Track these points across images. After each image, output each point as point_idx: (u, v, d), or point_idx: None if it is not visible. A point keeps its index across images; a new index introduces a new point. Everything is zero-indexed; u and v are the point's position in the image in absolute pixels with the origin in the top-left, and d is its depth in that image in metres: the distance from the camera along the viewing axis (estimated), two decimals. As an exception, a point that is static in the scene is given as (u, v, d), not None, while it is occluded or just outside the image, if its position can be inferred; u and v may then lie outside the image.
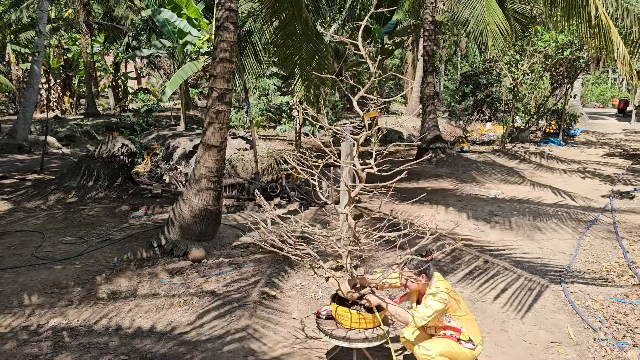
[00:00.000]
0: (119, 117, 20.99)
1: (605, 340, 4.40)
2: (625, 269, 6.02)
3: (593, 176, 11.88)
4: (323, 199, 3.28)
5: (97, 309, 4.98)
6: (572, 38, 14.81)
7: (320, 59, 9.79)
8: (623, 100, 30.82)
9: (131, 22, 20.77)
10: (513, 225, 7.88)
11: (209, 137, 6.11)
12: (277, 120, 19.50)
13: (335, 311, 3.42)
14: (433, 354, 3.48)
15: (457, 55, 34.61)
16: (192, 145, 14.60)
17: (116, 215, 8.17)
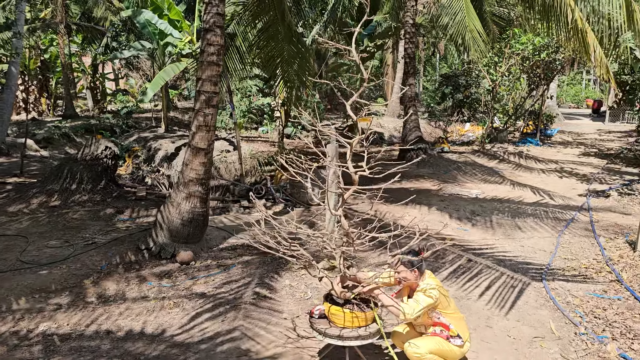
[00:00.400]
0: (98, 119, 20.73)
1: (586, 335, 4.56)
2: (603, 265, 6.23)
3: (570, 175, 12.19)
4: (316, 200, 3.35)
5: (86, 312, 4.98)
6: (548, 40, 15.16)
7: (301, 60, 9.88)
8: (597, 101, 31.59)
9: (110, 23, 20.55)
10: (494, 225, 8.06)
11: (197, 141, 6.15)
12: (258, 121, 19.50)
13: (328, 310, 3.50)
14: (423, 351, 3.59)
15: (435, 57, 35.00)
16: (175, 147, 14.53)
17: (101, 218, 8.13)
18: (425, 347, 3.60)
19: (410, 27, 13.19)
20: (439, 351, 3.63)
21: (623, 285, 5.54)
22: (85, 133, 18.44)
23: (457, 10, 9.72)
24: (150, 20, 14.20)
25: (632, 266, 6.06)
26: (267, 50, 9.65)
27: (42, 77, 23.68)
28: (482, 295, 5.44)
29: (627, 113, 25.04)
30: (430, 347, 3.61)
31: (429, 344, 3.63)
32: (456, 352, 3.71)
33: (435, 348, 3.62)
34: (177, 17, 13.90)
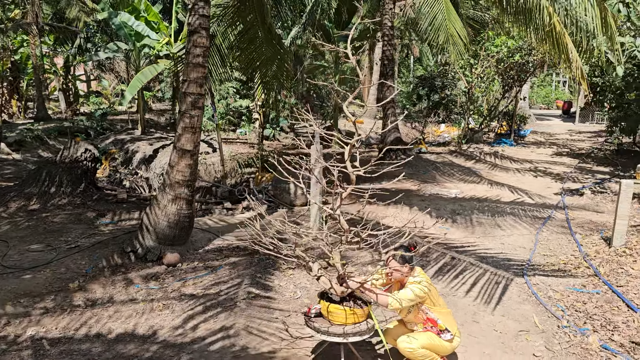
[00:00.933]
0: (72, 121, 20.36)
1: (568, 327, 4.73)
2: (581, 261, 6.44)
3: (544, 175, 12.52)
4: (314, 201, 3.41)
5: (75, 316, 4.93)
6: (521, 43, 15.53)
7: (280, 62, 9.92)
8: (567, 102, 32.40)
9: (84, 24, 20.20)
10: (475, 223, 8.24)
11: (183, 142, 6.14)
12: (236, 123, 19.45)
13: (327, 309, 3.56)
14: (415, 346, 3.68)
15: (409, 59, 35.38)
16: (152, 150, 14.42)
17: (82, 221, 8.02)
18: (418, 342, 3.70)
19: (389, 29, 13.36)
20: (430, 346, 3.73)
21: (601, 280, 5.75)
22: (59, 135, 18.09)
23: (437, 13, 9.90)
24: (127, 21, 14.06)
25: (609, 261, 6.29)
26: (247, 52, 9.66)
27: (12, 78, 23.14)
28: (468, 291, 5.58)
29: (596, 114, 25.77)
30: (422, 342, 3.71)
31: (421, 339, 3.73)
32: (447, 346, 3.81)
33: (427, 343, 3.72)
34: (154, 19, 13.79)
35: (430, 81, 18.49)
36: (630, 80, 12.62)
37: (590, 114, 26.42)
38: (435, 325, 3.79)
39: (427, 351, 3.72)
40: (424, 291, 3.66)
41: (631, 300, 5.15)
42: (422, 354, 3.70)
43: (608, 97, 14.80)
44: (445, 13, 9.77)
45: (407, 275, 3.77)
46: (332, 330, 3.50)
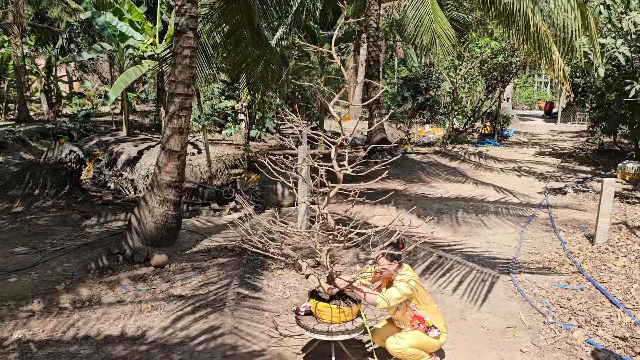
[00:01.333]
0: (54, 123, 20.10)
1: (554, 323, 4.82)
2: (565, 258, 6.56)
3: (528, 174, 12.69)
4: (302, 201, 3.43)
5: (62, 318, 4.89)
6: (504, 44, 15.73)
7: (267, 63, 9.93)
8: (549, 103, 32.85)
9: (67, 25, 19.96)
10: (460, 222, 8.33)
11: (171, 144, 6.12)
12: (222, 124, 19.38)
13: (315, 307, 3.58)
14: (404, 346, 3.73)
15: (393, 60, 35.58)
16: (137, 151, 14.31)
17: (67, 223, 7.94)
18: (406, 342, 3.75)
19: (374, 30, 13.43)
20: (418, 344, 3.78)
21: (584, 276, 5.86)
22: (41, 137, 17.84)
23: (424, 16, 9.99)
24: (110, 22, 13.93)
25: (592, 258, 6.41)
26: (233, 53, 9.65)
27: (-7, 79, 22.78)
28: (455, 289, 5.64)
29: (577, 114, 26.16)
30: (410, 341, 3.75)
31: (409, 338, 3.77)
32: (435, 343, 3.87)
33: (415, 342, 3.77)
34: (138, 19, 13.68)
35: (415, 82, 18.63)
36: (611, 81, 12.84)
37: (572, 115, 26.82)
38: (422, 323, 3.84)
39: (416, 350, 3.77)
40: (411, 288, 3.71)
41: (614, 296, 5.26)
42: (411, 353, 3.74)
43: (589, 98, 15.04)
44: (431, 14, 9.87)
45: (395, 272, 3.82)
46: (318, 328, 3.52)
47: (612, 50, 8.79)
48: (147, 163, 13.22)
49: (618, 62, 10.11)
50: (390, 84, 30.99)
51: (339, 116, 3.51)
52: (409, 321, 3.87)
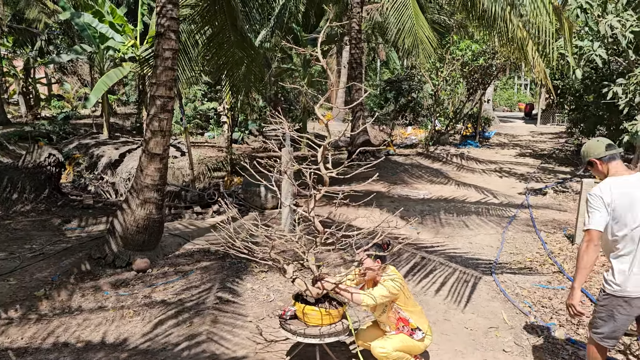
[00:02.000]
0: (33, 126, 19.77)
1: (536, 323, 4.88)
2: (546, 258, 6.64)
3: (509, 175, 12.84)
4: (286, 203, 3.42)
5: (42, 325, 4.80)
6: (485, 47, 15.91)
7: (250, 64, 9.89)
8: (529, 105, 33.29)
9: (45, 26, 19.65)
10: (443, 223, 8.39)
11: (152, 146, 6.05)
12: (204, 126, 19.27)
13: (302, 310, 3.57)
14: (389, 349, 3.73)
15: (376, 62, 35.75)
16: (118, 154, 14.15)
17: (47, 228, 7.81)
18: (391, 345, 3.75)
19: (356, 33, 13.49)
20: (403, 347, 3.79)
21: (565, 276, 5.95)
22: (19, 140, 17.52)
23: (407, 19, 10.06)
24: (90, 23, 13.75)
25: (572, 258, 6.50)
26: (217, 56, 9.58)
27: (-32, 81, 22.33)
28: (438, 290, 5.68)
29: (556, 115, 26.57)
30: (395, 345, 3.76)
31: (394, 342, 3.78)
32: (419, 345, 3.88)
33: (400, 345, 3.77)
34: (119, 21, 13.53)
35: (397, 84, 18.73)
36: (589, 83, 13.07)
37: (551, 116, 27.24)
38: (407, 325, 3.85)
39: (401, 353, 3.77)
40: (397, 288, 3.72)
41: (594, 295, 5.33)
42: (396, 357, 3.75)
43: (568, 100, 15.30)
44: (413, 17, 9.94)
45: (380, 273, 3.83)
46: (308, 332, 3.52)
47: (589, 52, 8.95)
48: (129, 166, 13.08)
49: (595, 65, 10.29)
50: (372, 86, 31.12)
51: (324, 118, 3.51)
52: (393, 324, 3.88)
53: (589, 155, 3.44)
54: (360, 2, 13.36)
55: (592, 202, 3.26)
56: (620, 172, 3.35)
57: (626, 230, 3.20)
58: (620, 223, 3.21)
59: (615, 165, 3.38)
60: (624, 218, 3.20)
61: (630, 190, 3.22)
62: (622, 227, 3.21)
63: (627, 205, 3.19)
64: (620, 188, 3.23)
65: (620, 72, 10.81)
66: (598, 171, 3.45)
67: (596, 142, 3.46)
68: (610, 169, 3.38)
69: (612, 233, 3.25)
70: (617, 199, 3.20)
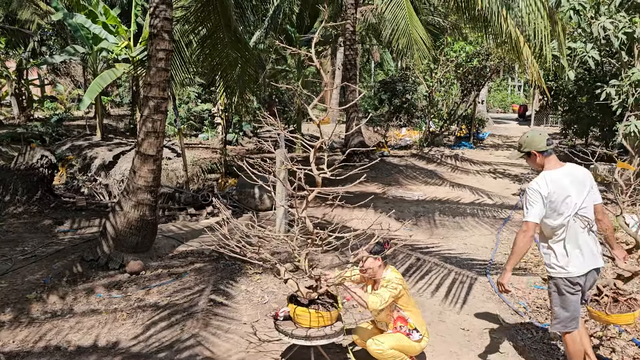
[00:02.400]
0: (25, 127, 19.64)
1: (531, 324, 4.88)
2: (540, 259, 6.63)
3: (503, 176, 12.88)
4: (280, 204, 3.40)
5: (33, 329, 4.74)
6: (478, 49, 15.95)
7: (245, 65, 9.87)
8: (522, 106, 33.41)
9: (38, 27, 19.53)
10: (438, 224, 8.39)
11: (146, 147, 6.02)
12: (198, 128, 19.22)
13: (294, 312, 3.55)
14: (384, 347, 3.72)
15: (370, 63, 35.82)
16: (112, 156, 14.06)
17: (39, 230, 7.75)
18: (387, 343, 3.74)
19: (351, 34, 13.49)
20: (399, 347, 3.78)
21: (559, 277, 5.94)
22: (12, 142, 17.41)
23: (400, 18, 10.08)
24: (84, 24, 13.66)
25: (566, 258, 6.50)
26: (210, 57, 9.55)
27: (-40, 83, 22.17)
28: (434, 292, 5.67)
29: (550, 117, 26.68)
30: (391, 343, 3.75)
31: (390, 340, 3.77)
32: (415, 346, 3.87)
33: (395, 344, 3.76)
34: (113, 22, 13.46)
35: (391, 86, 18.74)
36: (582, 85, 13.14)
37: (545, 117, 27.35)
38: (405, 324, 3.84)
39: (396, 352, 3.76)
40: (398, 289, 3.71)
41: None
42: (391, 355, 3.73)
43: (561, 101, 15.36)
44: (407, 18, 9.96)
45: (380, 272, 3.82)
46: (296, 333, 3.50)
47: (582, 54, 8.98)
48: (122, 168, 13.00)
49: (588, 66, 10.33)
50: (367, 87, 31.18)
51: (317, 119, 3.50)
52: (392, 323, 3.87)
53: (531, 147, 3.68)
54: (354, 4, 13.37)
55: (531, 196, 3.56)
56: (554, 165, 3.67)
57: (563, 218, 3.54)
58: (558, 212, 3.54)
59: (551, 159, 3.68)
60: (560, 207, 3.54)
61: (564, 182, 3.57)
62: (559, 216, 3.54)
63: (562, 196, 3.53)
64: (556, 181, 3.56)
65: (613, 73, 10.87)
66: (535, 163, 3.73)
67: (539, 135, 3.71)
68: (546, 163, 3.68)
69: (551, 221, 3.57)
70: (554, 191, 3.52)
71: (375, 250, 3.75)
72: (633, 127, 8.32)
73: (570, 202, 3.54)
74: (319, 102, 31.40)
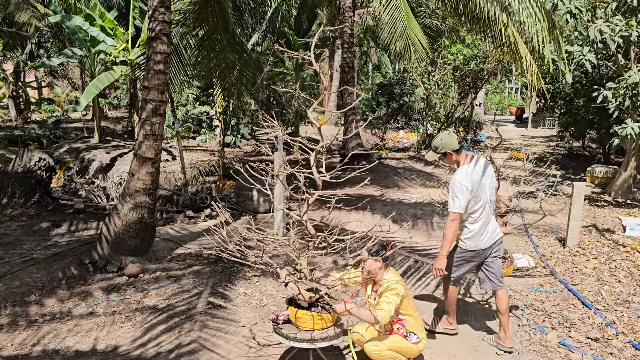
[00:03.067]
0: (23, 129, 19.60)
1: (528, 326, 4.89)
2: (537, 261, 6.67)
3: (500, 178, 12.86)
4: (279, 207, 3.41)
5: (32, 331, 4.74)
6: (476, 51, 15.99)
7: (243, 68, 9.88)
8: (519, 108, 33.52)
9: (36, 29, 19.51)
10: (435, 227, 8.41)
11: (144, 150, 6.02)
12: (196, 130, 19.21)
13: (295, 315, 3.56)
14: (382, 348, 3.74)
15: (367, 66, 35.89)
16: (110, 158, 14.06)
17: (37, 233, 7.74)
18: (385, 344, 3.76)
19: (349, 37, 13.52)
20: (397, 348, 3.79)
21: (557, 279, 5.97)
22: (9, 144, 17.38)
23: (398, 20, 10.10)
24: (81, 26, 13.66)
25: (564, 261, 6.54)
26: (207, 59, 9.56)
27: (-43, 85, 22.13)
28: (432, 293, 5.68)
29: (547, 119, 26.75)
30: (389, 344, 3.77)
31: (387, 341, 3.79)
32: (413, 348, 3.88)
33: (393, 345, 3.78)
34: (110, 25, 13.46)
35: (389, 88, 18.78)
36: (579, 87, 13.18)
37: (542, 120, 27.43)
38: (403, 327, 3.86)
39: (394, 353, 3.77)
40: (400, 293, 3.72)
41: (586, 298, 5.37)
42: (388, 356, 3.75)
43: (558, 104, 15.41)
44: (405, 20, 9.99)
45: (380, 274, 3.84)
46: (300, 337, 3.50)
47: (579, 57, 9.02)
48: (120, 170, 13.00)
49: (585, 69, 10.38)
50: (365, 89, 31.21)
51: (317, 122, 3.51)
52: (389, 325, 3.89)
53: (447, 147, 4.23)
54: (352, 6, 13.40)
55: (457, 189, 4.10)
56: (467, 160, 4.24)
57: (480, 204, 4.17)
58: (476, 199, 4.14)
59: (463, 154, 4.26)
60: (478, 195, 4.14)
61: (479, 173, 4.18)
62: (477, 202, 4.15)
63: (478, 185, 4.14)
64: (473, 173, 4.15)
65: (610, 76, 10.91)
66: (451, 161, 4.30)
67: (449, 136, 4.27)
68: (461, 159, 4.25)
69: (471, 207, 4.16)
70: (474, 182, 4.11)
71: (375, 251, 3.77)
72: (629, 129, 8.36)
73: (485, 189, 4.19)
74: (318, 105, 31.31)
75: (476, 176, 4.15)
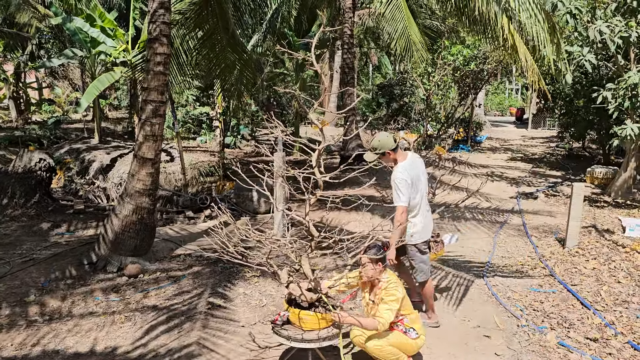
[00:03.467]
0: (23, 130, 19.62)
1: (527, 326, 4.90)
2: (537, 262, 6.68)
3: (500, 179, 12.90)
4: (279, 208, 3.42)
5: (31, 331, 4.75)
6: (476, 52, 16.01)
7: (243, 68, 9.89)
8: (520, 109, 33.49)
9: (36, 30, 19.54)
10: (435, 227, 8.37)
11: (144, 151, 6.03)
12: (196, 131, 19.23)
13: (297, 315, 3.57)
14: (383, 343, 3.75)
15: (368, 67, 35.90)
16: (110, 159, 14.07)
17: (37, 233, 7.75)
18: (386, 341, 3.77)
19: (349, 38, 13.53)
20: (397, 343, 3.80)
21: (556, 279, 5.98)
22: (9, 145, 17.40)
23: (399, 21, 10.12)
24: (82, 27, 13.68)
25: (563, 261, 6.54)
26: (207, 60, 9.58)
27: (-42, 86, 22.15)
28: (430, 294, 5.68)
29: (547, 120, 26.75)
30: (390, 340, 3.78)
31: (388, 337, 3.79)
32: (412, 344, 3.89)
33: (394, 341, 3.79)
34: (110, 26, 13.48)
35: (389, 89, 18.80)
36: (579, 88, 13.18)
37: (542, 121, 27.40)
38: (402, 323, 3.87)
39: (395, 349, 3.78)
40: (399, 294, 3.73)
41: (585, 298, 5.37)
42: (389, 352, 3.76)
43: (558, 104, 15.40)
44: (406, 20, 10.00)
45: (378, 275, 3.84)
46: (306, 337, 3.51)
47: (579, 58, 9.03)
48: (120, 171, 13.00)
49: (585, 70, 10.38)
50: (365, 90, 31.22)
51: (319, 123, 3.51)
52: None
53: (385, 147, 4.45)
54: (352, 7, 13.41)
55: (401, 185, 4.36)
56: (404, 157, 4.52)
57: (418, 197, 4.51)
58: (415, 192, 4.45)
59: (400, 153, 4.52)
60: (418, 187, 4.48)
61: (416, 168, 4.51)
62: (416, 195, 4.47)
63: (417, 179, 4.47)
64: (411, 169, 4.44)
65: (610, 77, 10.91)
66: (389, 159, 4.53)
67: (386, 137, 4.48)
68: (398, 157, 4.51)
69: (413, 200, 4.45)
70: (413, 176, 4.41)
71: (374, 253, 3.77)
72: (629, 130, 8.37)
73: (422, 182, 4.55)
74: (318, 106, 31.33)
75: (415, 171, 4.45)
